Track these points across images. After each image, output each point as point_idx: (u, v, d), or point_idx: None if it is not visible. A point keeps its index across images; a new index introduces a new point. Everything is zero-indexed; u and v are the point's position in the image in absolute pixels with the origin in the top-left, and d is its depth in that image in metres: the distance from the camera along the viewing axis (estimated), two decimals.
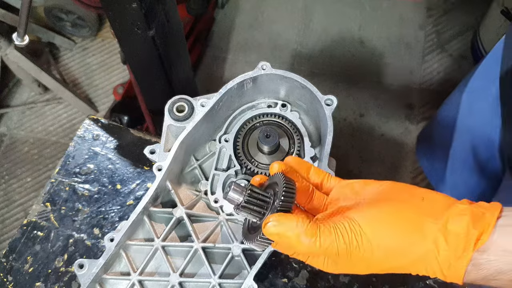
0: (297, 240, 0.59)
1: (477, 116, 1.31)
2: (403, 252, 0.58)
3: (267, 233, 0.61)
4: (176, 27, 1.53)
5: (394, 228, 0.59)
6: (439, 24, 2.82)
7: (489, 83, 1.21)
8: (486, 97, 1.23)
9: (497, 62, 1.18)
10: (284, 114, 1.03)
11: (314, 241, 0.59)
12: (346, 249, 0.59)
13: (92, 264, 0.89)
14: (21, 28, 1.16)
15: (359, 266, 0.62)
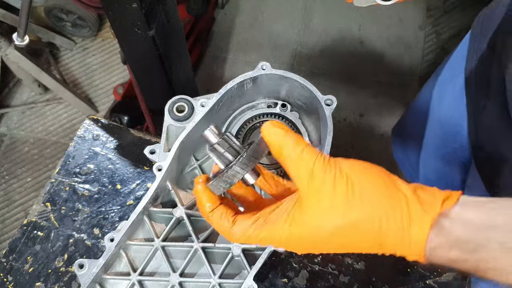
0: (296, 143, 0.60)
1: (446, 107, 1.33)
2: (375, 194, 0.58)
3: (267, 125, 0.62)
4: (176, 27, 1.53)
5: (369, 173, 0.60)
6: (439, 24, 2.82)
7: (457, 74, 1.23)
8: (454, 88, 1.26)
9: (464, 55, 1.20)
10: (284, 114, 1.03)
11: (300, 148, 0.60)
12: (321, 170, 0.59)
13: (92, 264, 0.89)
14: (21, 28, 1.16)
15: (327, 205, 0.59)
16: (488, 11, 1.17)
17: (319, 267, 1.05)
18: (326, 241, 0.60)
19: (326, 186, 0.58)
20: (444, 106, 1.35)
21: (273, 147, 0.63)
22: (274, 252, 0.91)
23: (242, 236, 0.64)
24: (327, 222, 0.58)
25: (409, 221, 0.56)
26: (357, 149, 2.50)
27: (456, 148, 1.29)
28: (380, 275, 1.05)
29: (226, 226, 0.65)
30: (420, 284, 1.04)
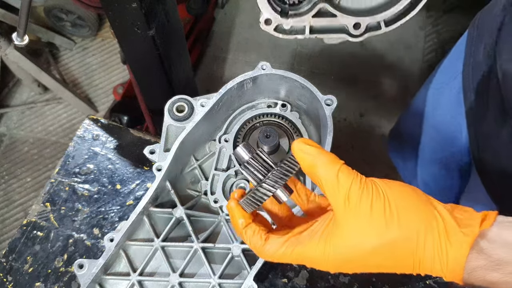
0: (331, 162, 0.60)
1: (442, 111, 1.32)
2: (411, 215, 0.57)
3: (298, 143, 0.62)
4: (176, 27, 1.53)
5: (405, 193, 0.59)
6: (439, 24, 2.82)
7: (452, 78, 1.22)
8: (450, 92, 1.25)
9: (460, 57, 1.19)
10: (284, 114, 1.03)
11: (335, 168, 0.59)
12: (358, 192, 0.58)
13: (91, 264, 0.89)
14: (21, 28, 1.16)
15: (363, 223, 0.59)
16: (484, 14, 1.16)
17: None
18: (362, 261, 0.59)
19: (363, 207, 0.58)
20: (440, 110, 1.34)
21: (306, 167, 0.62)
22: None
23: (274, 254, 0.64)
24: (365, 242, 0.58)
25: (447, 242, 0.56)
26: (357, 149, 2.50)
27: (454, 152, 1.29)
28: (380, 275, 1.05)
29: (258, 243, 0.65)
30: (420, 284, 1.04)
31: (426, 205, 0.58)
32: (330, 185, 0.60)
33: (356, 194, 0.58)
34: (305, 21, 0.66)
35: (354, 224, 0.58)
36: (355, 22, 0.66)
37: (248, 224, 0.66)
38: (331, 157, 0.61)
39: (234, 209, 0.67)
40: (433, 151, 1.42)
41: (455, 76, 1.21)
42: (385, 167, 2.47)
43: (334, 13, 0.65)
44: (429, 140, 1.43)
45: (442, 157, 1.38)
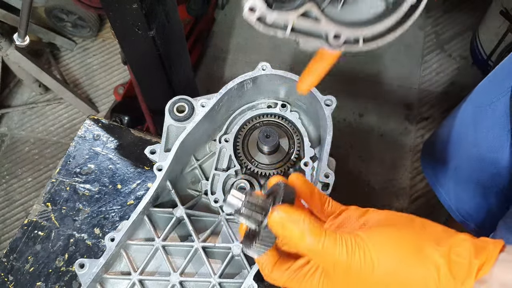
0: (301, 235, 0.59)
1: (484, 132, 1.29)
2: (403, 275, 0.58)
3: (271, 222, 0.60)
4: (177, 28, 1.54)
5: (398, 249, 0.58)
6: (439, 25, 2.82)
7: (496, 99, 1.19)
8: (493, 113, 1.22)
9: (504, 78, 1.15)
10: (284, 115, 1.03)
11: (318, 240, 0.58)
12: (346, 261, 0.58)
13: (92, 264, 0.89)
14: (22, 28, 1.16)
15: (354, 284, 0.61)
16: None
17: None
18: None
19: (353, 270, 0.58)
20: (481, 131, 1.30)
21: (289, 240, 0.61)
22: None
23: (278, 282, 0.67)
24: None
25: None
26: (356, 149, 2.50)
27: (493, 174, 1.26)
28: None
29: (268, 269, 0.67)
30: None
31: (418, 256, 0.58)
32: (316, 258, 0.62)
33: (344, 261, 0.58)
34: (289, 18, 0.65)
35: (344, 283, 0.60)
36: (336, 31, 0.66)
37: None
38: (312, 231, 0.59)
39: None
40: (472, 170, 1.38)
41: (498, 97, 1.17)
42: (384, 167, 2.47)
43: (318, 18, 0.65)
44: (467, 159, 1.39)
45: (480, 178, 1.35)
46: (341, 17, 0.69)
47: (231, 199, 0.65)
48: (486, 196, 1.36)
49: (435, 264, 0.57)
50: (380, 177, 2.43)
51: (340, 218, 0.69)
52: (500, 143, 1.19)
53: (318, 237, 0.58)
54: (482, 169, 1.33)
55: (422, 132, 2.55)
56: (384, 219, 0.64)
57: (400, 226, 0.61)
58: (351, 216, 0.68)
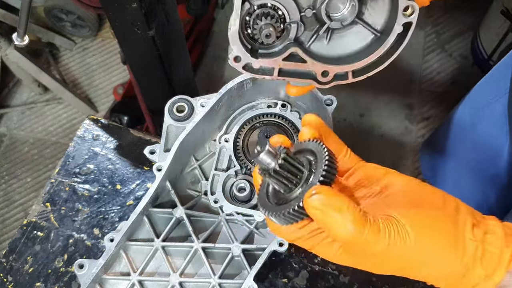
0: (343, 225, 0.53)
1: (482, 132, 1.29)
2: (438, 263, 0.57)
3: (309, 206, 0.53)
4: (176, 27, 1.53)
5: (437, 239, 0.56)
6: (439, 24, 2.82)
7: (494, 100, 1.19)
8: (491, 114, 1.21)
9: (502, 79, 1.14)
10: (284, 114, 1.03)
11: (360, 232, 0.53)
12: (386, 248, 0.54)
13: (92, 264, 0.89)
14: (21, 28, 1.16)
15: (383, 267, 0.58)
16: None
17: (319, 267, 1.05)
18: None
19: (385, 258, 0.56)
20: (479, 131, 1.31)
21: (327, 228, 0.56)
22: (274, 252, 0.91)
23: (290, 236, 0.60)
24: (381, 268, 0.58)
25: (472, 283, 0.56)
26: (357, 149, 2.46)
27: (492, 174, 1.26)
28: (380, 275, 1.05)
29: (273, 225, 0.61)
30: (420, 284, 1.04)
31: (452, 240, 0.56)
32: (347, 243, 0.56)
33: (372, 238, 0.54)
34: (275, 63, 0.65)
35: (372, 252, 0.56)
36: (324, 69, 0.66)
37: None
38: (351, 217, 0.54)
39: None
40: (470, 170, 1.39)
41: (496, 98, 1.17)
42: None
43: (304, 59, 0.65)
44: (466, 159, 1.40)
45: (480, 177, 1.35)
46: (329, 52, 0.68)
47: (264, 157, 0.56)
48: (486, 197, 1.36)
49: (467, 250, 0.56)
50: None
51: (358, 174, 0.64)
52: (498, 144, 1.19)
53: (362, 227, 0.53)
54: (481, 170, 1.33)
55: (423, 132, 2.55)
56: (410, 192, 0.61)
57: (437, 210, 0.59)
58: (371, 176, 0.63)
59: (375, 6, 0.65)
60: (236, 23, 0.64)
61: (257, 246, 0.93)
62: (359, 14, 0.65)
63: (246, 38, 0.67)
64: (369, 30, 0.67)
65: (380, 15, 0.66)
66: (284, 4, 0.64)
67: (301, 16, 0.65)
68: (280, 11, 0.65)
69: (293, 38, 0.67)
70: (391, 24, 0.64)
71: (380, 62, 0.68)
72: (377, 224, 0.54)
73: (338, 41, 0.68)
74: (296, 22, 0.65)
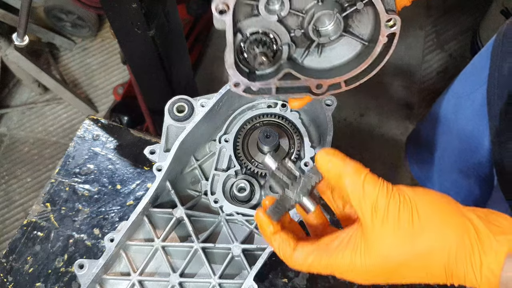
0: (345, 168, 0.60)
1: (464, 122, 1.30)
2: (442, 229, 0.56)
3: (320, 156, 0.61)
4: (176, 27, 1.53)
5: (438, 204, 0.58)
6: (439, 24, 2.82)
7: (474, 89, 1.20)
8: (472, 104, 1.23)
9: (482, 69, 1.16)
10: (284, 114, 1.03)
11: (359, 174, 0.59)
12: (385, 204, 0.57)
13: (92, 265, 0.89)
14: (21, 28, 1.16)
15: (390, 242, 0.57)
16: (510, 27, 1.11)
17: None
18: (391, 273, 0.58)
19: (391, 217, 0.57)
20: (461, 120, 1.32)
21: (331, 178, 0.61)
22: (274, 252, 0.91)
23: (303, 264, 0.63)
24: (392, 253, 0.57)
25: (481, 251, 0.54)
26: (357, 149, 2.50)
27: (474, 163, 1.26)
28: None
29: (287, 252, 0.64)
30: (420, 284, 1.04)
31: (457, 214, 0.57)
32: (356, 196, 0.59)
33: (383, 204, 0.57)
34: (271, 84, 0.72)
35: (381, 235, 0.57)
36: (317, 83, 0.73)
37: (277, 231, 0.66)
38: (356, 167, 0.60)
39: (262, 218, 0.66)
40: (454, 160, 1.40)
41: (477, 87, 1.18)
42: (384, 167, 2.47)
43: (298, 77, 0.71)
44: (450, 149, 1.41)
45: (463, 167, 1.36)
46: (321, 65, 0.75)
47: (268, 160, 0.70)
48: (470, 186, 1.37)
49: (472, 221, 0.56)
50: (381, 177, 2.43)
51: None
52: (479, 132, 1.20)
53: (361, 172, 0.59)
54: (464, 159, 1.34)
55: None
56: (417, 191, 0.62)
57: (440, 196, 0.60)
58: None
59: (360, 18, 0.71)
60: (231, 57, 0.70)
61: (257, 246, 0.93)
62: (346, 27, 0.70)
63: (242, 62, 0.73)
64: (357, 40, 0.72)
65: (366, 26, 0.71)
66: (273, 29, 0.70)
67: (291, 37, 0.71)
68: (271, 35, 0.70)
69: (286, 57, 0.73)
70: (377, 34, 0.69)
71: (370, 69, 0.73)
72: (376, 177, 0.59)
73: (329, 53, 0.74)
74: (287, 44, 0.72)
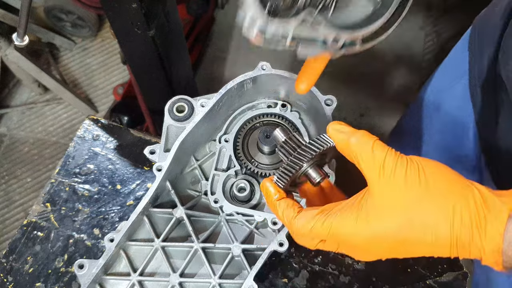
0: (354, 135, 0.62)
1: (446, 115, 1.30)
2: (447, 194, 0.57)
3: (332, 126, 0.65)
4: (176, 27, 1.53)
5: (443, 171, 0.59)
6: (439, 24, 2.82)
7: (454, 81, 1.20)
8: (452, 96, 1.23)
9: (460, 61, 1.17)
10: (284, 114, 1.03)
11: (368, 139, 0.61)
12: (392, 166, 0.58)
13: (92, 265, 0.89)
14: (21, 28, 1.15)
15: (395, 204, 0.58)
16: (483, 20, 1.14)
17: (319, 267, 1.05)
18: (396, 237, 0.57)
19: (398, 176, 0.58)
20: (443, 113, 1.31)
21: (340, 144, 0.64)
22: (274, 252, 0.91)
23: (304, 227, 0.63)
24: (398, 212, 0.57)
25: (485, 210, 0.54)
26: None
27: (460, 156, 1.27)
28: (380, 275, 1.05)
29: (290, 215, 0.66)
30: (420, 284, 1.04)
31: (462, 180, 0.58)
32: (365, 158, 0.60)
33: (390, 164, 0.58)
34: (289, 27, 0.65)
35: (388, 194, 0.58)
36: (335, 36, 0.67)
37: (282, 197, 0.68)
38: (365, 133, 0.63)
39: (268, 185, 0.70)
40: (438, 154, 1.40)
41: (457, 79, 1.18)
42: None
43: (317, 23, 0.66)
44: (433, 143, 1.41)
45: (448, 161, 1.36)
46: (333, 22, 0.70)
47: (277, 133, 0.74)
48: None
49: (476, 186, 0.57)
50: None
51: None
52: (463, 125, 1.20)
53: (370, 138, 0.62)
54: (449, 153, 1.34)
55: None
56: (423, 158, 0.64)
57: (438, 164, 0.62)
58: None
59: None
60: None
61: (257, 246, 0.93)
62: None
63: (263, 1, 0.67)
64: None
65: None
66: None
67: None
68: None
69: (302, 6, 0.67)
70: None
71: (386, 27, 0.69)
72: (383, 144, 0.61)
73: (341, 12, 0.70)
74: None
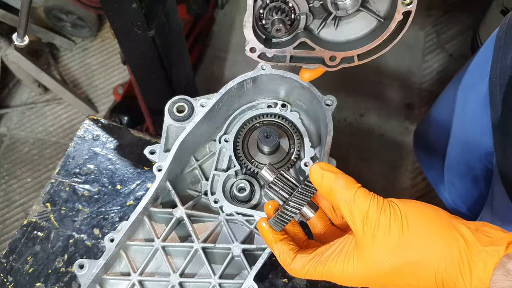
0: (337, 182, 0.62)
1: (470, 113, 1.30)
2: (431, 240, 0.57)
3: (313, 170, 0.64)
4: (176, 27, 1.53)
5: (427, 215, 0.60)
6: (439, 24, 2.82)
7: (481, 79, 1.20)
8: (477, 95, 1.23)
9: (487, 60, 1.17)
10: (284, 114, 1.03)
11: (351, 188, 0.61)
12: (375, 216, 0.59)
13: (92, 265, 0.89)
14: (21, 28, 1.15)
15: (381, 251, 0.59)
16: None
17: None
18: (382, 280, 0.60)
19: (381, 227, 0.59)
20: (468, 112, 1.32)
21: (323, 192, 0.64)
22: None
23: (299, 273, 0.67)
24: (382, 261, 0.59)
25: (470, 261, 0.55)
26: (357, 149, 2.50)
27: (480, 155, 1.27)
28: None
29: (287, 260, 0.69)
30: None
31: (447, 225, 0.58)
32: (347, 208, 0.61)
33: (373, 216, 0.59)
34: (286, 52, 0.74)
35: (373, 245, 0.59)
36: (331, 55, 0.74)
37: (278, 240, 0.70)
38: (347, 181, 0.63)
39: (264, 228, 0.72)
40: (460, 152, 1.40)
41: (483, 77, 1.19)
42: (384, 167, 2.47)
43: (313, 47, 0.73)
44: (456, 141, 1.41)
45: (469, 159, 1.36)
46: (337, 37, 0.75)
47: (264, 173, 0.73)
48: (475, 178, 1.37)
49: (462, 233, 0.57)
50: (381, 177, 2.43)
51: None
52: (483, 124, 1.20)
53: (352, 186, 0.62)
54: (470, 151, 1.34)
55: None
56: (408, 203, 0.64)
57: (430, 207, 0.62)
58: None
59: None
60: (250, 20, 0.70)
61: (257, 246, 0.93)
62: (364, 2, 0.71)
63: (260, 29, 0.74)
64: (373, 16, 0.72)
65: (383, 3, 0.72)
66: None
67: (309, 7, 0.72)
68: (290, 3, 0.71)
69: (303, 27, 0.74)
70: (393, 11, 0.69)
71: (383, 46, 0.74)
72: (366, 191, 0.61)
73: (344, 27, 0.75)
74: (305, 13, 0.72)
